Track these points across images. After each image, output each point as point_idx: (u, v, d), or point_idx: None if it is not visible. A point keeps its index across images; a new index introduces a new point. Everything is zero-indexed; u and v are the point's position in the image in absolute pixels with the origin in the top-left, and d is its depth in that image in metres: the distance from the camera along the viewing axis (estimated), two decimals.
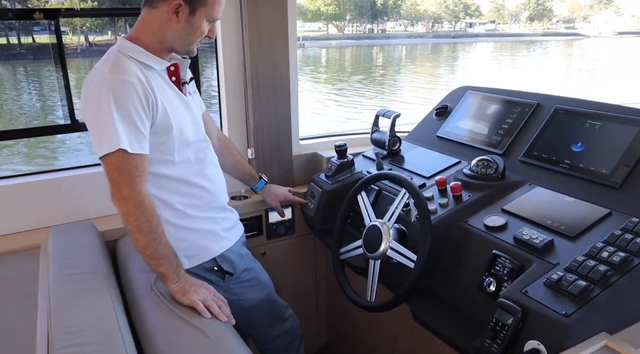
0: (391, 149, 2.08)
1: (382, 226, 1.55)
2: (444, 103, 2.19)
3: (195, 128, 1.55)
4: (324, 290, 2.44)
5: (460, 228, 1.53)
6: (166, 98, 1.43)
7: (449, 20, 68.33)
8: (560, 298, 1.16)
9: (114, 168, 1.32)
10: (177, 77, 1.53)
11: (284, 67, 2.06)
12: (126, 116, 1.31)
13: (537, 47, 49.61)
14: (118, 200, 1.34)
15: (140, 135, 1.34)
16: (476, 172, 1.69)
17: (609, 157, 1.52)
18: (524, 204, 1.53)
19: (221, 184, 1.65)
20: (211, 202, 1.59)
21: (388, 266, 1.59)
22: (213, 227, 1.58)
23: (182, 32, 1.42)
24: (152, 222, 1.35)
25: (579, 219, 1.39)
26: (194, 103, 1.60)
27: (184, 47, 1.47)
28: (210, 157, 1.62)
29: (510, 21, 76.84)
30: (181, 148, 1.48)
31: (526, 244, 1.35)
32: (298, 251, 2.28)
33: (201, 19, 1.41)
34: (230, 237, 1.63)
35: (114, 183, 1.33)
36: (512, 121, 1.86)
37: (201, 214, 1.56)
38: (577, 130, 1.65)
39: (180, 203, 1.52)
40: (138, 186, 1.34)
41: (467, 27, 68.40)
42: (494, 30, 68.62)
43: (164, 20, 1.40)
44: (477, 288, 1.41)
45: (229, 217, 1.67)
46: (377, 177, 1.69)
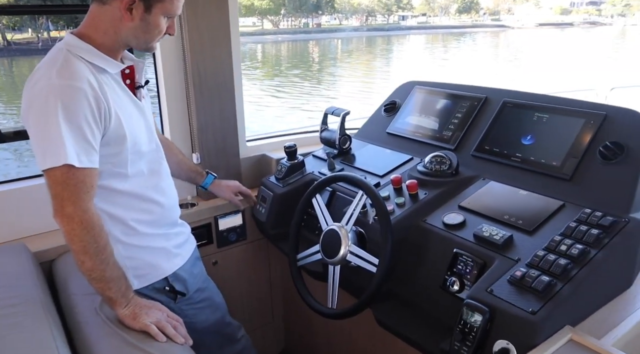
0: (342, 147, 2.04)
1: (340, 229, 1.50)
2: (392, 99, 2.16)
3: (149, 137, 1.42)
4: (278, 295, 2.37)
5: (419, 228, 1.51)
6: (120, 105, 1.29)
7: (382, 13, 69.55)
8: (525, 294, 1.16)
9: (58, 182, 1.17)
10: (132, 80, 1.40)
11: (227, 66, 1.96)
12: (75, 126, 1.17)
13: (467, 39, 51.51)
14: (61, 217, 1.20)
15: (90, 147, 1.20)
16: (430, 169, 1.68)
17: (558, 149, 1.54)
18: (479, 199, 1.53)
19: (175, 197, 1.53)
20: (165, 217, 1.47)
21: (347, 270, 1.54)
22: (165, 244, 1.46)
23: (137, 30, 1.27)
24: (100, 243, 1.22)
25: (534, 213, 1.41)
26: (148, 108, 1.48)
27: (142, 46, 1.32)
28: (165, 169, 1.50)
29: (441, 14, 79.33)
30: (134, 160, 1.35)
31: (486, 241, 1.34)
32: (251, 257, 2.19)
33: (158, 15, 1.26)
34: (182, 254, 1.52)
35: (57, 199, 1.19)
36: (462, 116, 1.86)
37: (154, 231, 1.44)
38: (526, 123, 1.67)
39: (132, 219, 1.39)
40: (85, 203, 1.20)
41: (400, 20, 69.94)
42: (425, 22, 70.58)
43: (116, 18, 1.25)
44: (439, 288, 1.39)
45: (181, 231, 1.55)
46: (331, 180, 1.64)
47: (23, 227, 1.74)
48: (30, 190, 1.76)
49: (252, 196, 2.00)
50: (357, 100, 14.47)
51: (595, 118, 1.52)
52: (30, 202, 1.75)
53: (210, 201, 2.04)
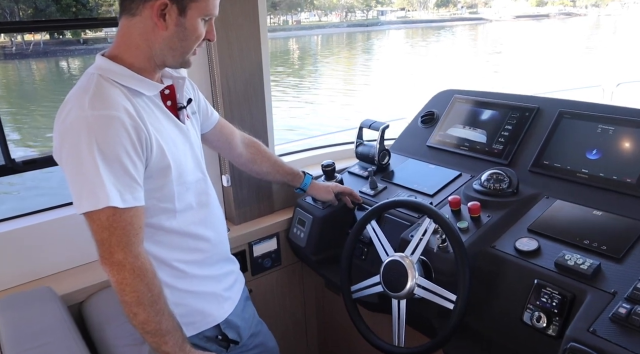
0: (381, 163, 1.92)
1: (404, 260, 1.38)
2: (429, 109, 2.05)
3: (195, 164, 1.27)
4: (313, 322, 2.24)
5: (488, 254, 1.39)
6: (161, 131, 1.15)
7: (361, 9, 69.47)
8: (635, 336, 1.05)
9: (104, 227, 1.03)
10: (173, 101, 1.24)
11: (257, 78, 1.81)
12: (115, 161, 1.03)
13: (446, 32, 51.78)
14: (110, 266, 1.05)
15: (134, 183, 1.06)
16: (488, 188, 1.56)
17: (631, 164, 1.44)
18: (550, 221, 1.42)
19: (224, 230, 1.39)
20: (215, 254, 1.33)
21: (410, 302, 1.42)
22: (216, 287, 1.32)
23: (172, 39, 1.11)
24: (154, 292, 1.08)
25: (618, 237, 1.30)
26: (194, 130, 1.33)
27: (178, 59, 1.16)
28: (213, 198, 1.35)
29: (420, 8, 79.59)
30: (182, 192, 1.21)
31: (572, 271, 1.23)
32: (285, 283, 2.06)
33: (194, 18, 1.11)
34: (233, 297, 1.38)
35: (104, 245, 1.05)
36: (513, 128, 1.75)
37: (203, 272, 1.29)
38: (589, 136, 1.56)
39: (180, 260, 1.25)
40: (136, 247, 1.06)
41: (379, 15, 69.95)
42: (404, 17, 70.72)
43: (149, 30, 1.10)
44: (519, 322, 1.28)
45: (231, 271, 1.41)
46: (392, 205, 1.51)
47: (45, 265, 1.59)
48: (53, 224, 1.60)
49: (355, 193, 1.80)
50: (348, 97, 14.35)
51: None
52: (50, 237, 1.59)
53: (243, 226, 1.90)
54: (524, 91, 1.98)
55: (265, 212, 1.95)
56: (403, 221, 1.61)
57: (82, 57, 26.88)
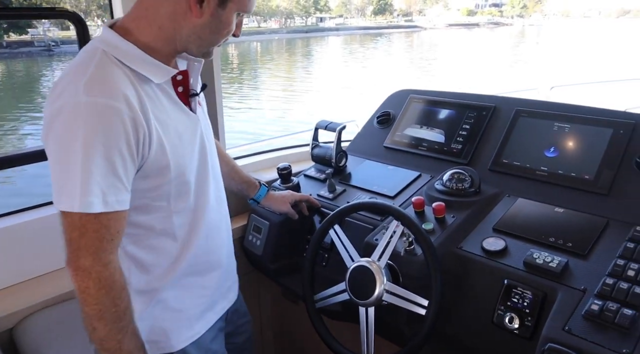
0: (338, 165, 1.85)
1: (371, 265, 1.31)
2: (385, 109, 2.01)
3: (200, 160, 1.15)
4: (269, 334, 2.13)
5: (455, 256, 1.35)
6: (166, 124, 1.03)
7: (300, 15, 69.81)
8: (609, 332, 1.04)
9: (75, 227, 0.92)
10: (185, 88, 1.12)
11: (207, 71, 1.70)
12: (104, 158, 0.91)
13: (383, 39, 53.03)
14: (75, 270, 0.93)
15: (120, 184, 0.95)
16: (450, 188, 1.53)
17: (589, 161, 1.46)
18: (514, 220, 1.41)
19: (226, 236, 1.32)
20: (205, 262, 1.22)
21: (378, 309, 1.36)
22: (192, 302, 1.21)
23: (204, 29, 1.01)
24: (120, 307, 0.96)
25: (581, 233, 1.30)
26: (205, 119, 1.21)
27: (203, 49, 1.07)
28: (215, 199, 1.23)
29: (357, 15, 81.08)
30: (181, 193, 1.09)
31: (541, 270, 1.22)
32: (240, 291, 1.94)
33: (232, 11, 1.03)
34: (208, 319, 1.25)
35: (73, 246, 0.93)
36: (471, 127, 1.74)
37: (188, 281, 1.18)
38: (546, 134, 1.57)
39: (166, 268, 1.13)
40: (107, 254, 0.95)
41: (318, 21, 70.60)
42: (343, 24, 71.76)
43: (180, 12, 0.99)
44: (491, 324, 1.25)
45: (219, 285, 1.31)
46: (356, 208, 1.44)
47: None
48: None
49: (313, 200, 1.71)
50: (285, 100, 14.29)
51: (624, 128, 1.45)
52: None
53: None
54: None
55: None
56: (366, 224, 1.55)
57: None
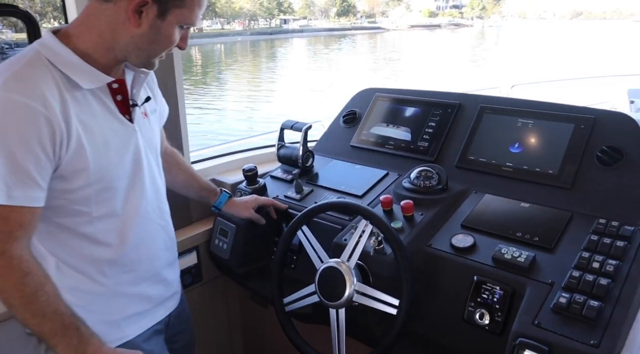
0: (305, 165, 1.82)
1: (340, 266, 1.29)
2: (351, 108, 1.99)
3: (134, 168, 1.13)
4: (239, 339, 2.09)
5: (425, 254, 1.35)
6: (92, 129, 1.02)
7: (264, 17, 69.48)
8: (577, 324, 1.05)
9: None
10: (124, 97, 1.11)
11: (169, 75, 1.64)
12: (12, 153, 0.92)
13: (347, 40, 53.34)
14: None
15: (30, 181, 0.95)
16: (418, 186, 1.53)
17: (552, 156, 1.48)
18: (481, 216, 1.41)
19: (162, 247, 1.28)
20: (136, 272, 1.18)
21: (349, 310, 1.34)
22: (118, 312, 1.17)
23: (142, 39, 1.01)
24: (26, 292, 0.95)
25: (546, 227, 1.31)
26: (148, 130, 1.19)
27: (143, 59, 1.06)
28: (152, 209, 1.21)
29: (321, 17, 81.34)
30: (105, 198, 1.08)
31: (510, 265, 1.22)
32: (208, 299, 1.89)
33: (172, 24, 1.02)
34: (132, 328, 1.20)
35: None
36: (436, 124, 1.74)
37: (116, 289, 1.15)
38: (510, 130, 1.59)
39: (92, 270, 1.11)
40: (4, 245, 0.94)
41: (282, 23, 70.44)
42: (306, 26, 71.85)
43: (119, 21, 0.99)
44: (462, 321, 1.24)
45: (153, 297, 1.24)
46: (323, 208, 1.41)
47: None
48: None
49: (278, 203, 1.66)
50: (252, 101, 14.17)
51: (585, 122, 1.48)
52: None
53: None
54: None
55: (182, 224, 1.78)
56: (334, 225, 1.53)
57: None
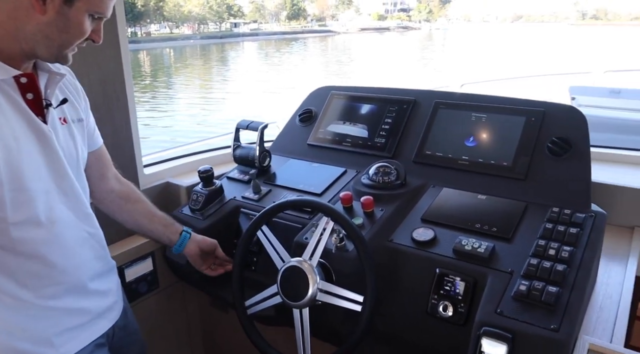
0: (262, 165, 1.79)
1: (302, 265, 1.27)
2: (307, 107, 1.98)
3: (51, 171, 1.05)
4: (199, 346, 2.02)
5: (386, 249, 1.34)
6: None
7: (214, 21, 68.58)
8: (537, 310, 1.07)
9: None
10: (35, 95, 1.02)
11: (117, 78, 1.57)
12: None
13: (299, 44, 53.45)
14: None
15: None
16: (377, 182, 1.53)
17: (505, 149, 1.51)
18: (440, 209, 1.42)
19: (87, 258, 1.16)
20: (61, 285, 1.09)
21: (313, 310, 1.31)
22: (49, 328, 1.08)
23: (50, 27, 0.95)
24: None
25: (504, 218, 1.34)
26: (67, 137, 1.11)
27: (53, 51, 0.99)
28: (75, 216, 1.12)
29: (272, 20, 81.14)
30: (20, 201, 0.99)
31: (470, 256, 1.23)
32: (166, 307, 1.82)
33: (81, 11, 0.96)
34: (68, 347, 1.10)
35: None
36: (393, 121, 1.75)
37: (40, 303, 1.06)
38: (465, 124, 1.61)
39: (11, 285, 1.02)
40: None
41: (233, 27, 69.75)
42: (257, 29, 71.47)
43: (21, 7, 0.92)
44: (425, 314, 1.25)
45: (85, 309, 1.15)
46: (283, 207, 1.38)
47: None
48: None
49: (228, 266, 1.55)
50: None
51: (535, 115, 1.52)
52: None
53: (110, 248, 1.62)
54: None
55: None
56: (294, 224, 1.51)
57: None
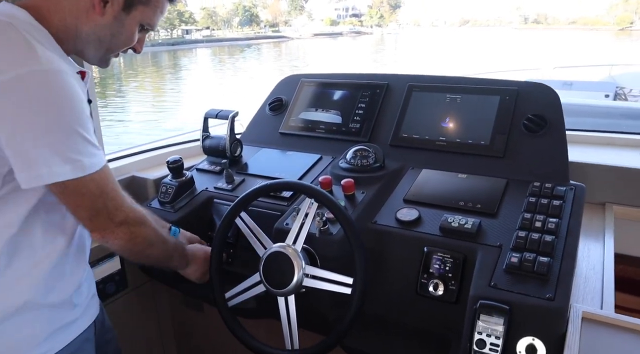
0: (233, 155, 1.72)
1: (286, 250, 1.21)
2: (277, 96, 1.92)
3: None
4: (171, 342, 1.92)
5: (371, 231, 1.31)
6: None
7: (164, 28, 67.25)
8: (530, 281, 1.06)
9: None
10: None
11: None
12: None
13: (252, 49, 53.16)
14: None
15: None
16: (355, 165, 1.49)
17: (482, 128, 1.51)
18: (422, 190, 1.40)
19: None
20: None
21: (298, 298, 1.26)
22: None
23: (104, 30, 1.00)
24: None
25: (486, 195, 1.33)
26: None
27: (100, 53, 1.05)
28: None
29: (224, 27, 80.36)
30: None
31: (458, 232, 1.21)
32: (136, 308, 1.72)
33: (136, 20, 1.02)
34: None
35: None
36: (366, 105, 1.72)
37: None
38: (440, 106, 1.60)
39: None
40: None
41: (185, 34, 68.59)
42: (210, 36, 70.58)
43: (83, 7, 0.96)
44: (416, 294, 1.22)
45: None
46: (263, 190, 1.32)
47: None
48: None
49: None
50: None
51: (509, 94, 1.52)
52: None
53: None
54: None
55: None
56: (271, 211, 1.45)
57: None
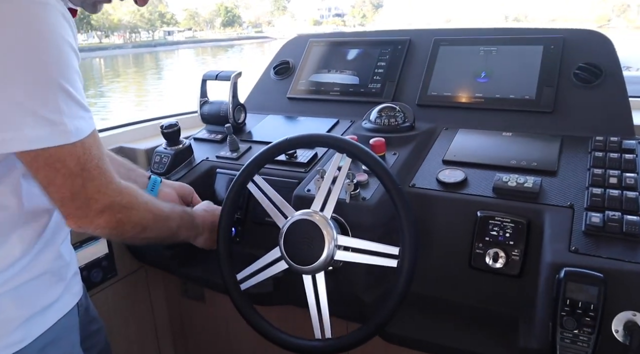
0: (236, 121, 1.51)
1: (313, 217, 0.99)
2: (283, 58, 1.71)
3: None
4: (168, 343, 1.69)
5: (409, 196, 1.10)
6: None
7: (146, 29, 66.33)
8: (618, 244, 0.87)
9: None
10: None
11: None
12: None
13: (235, 50, 52.79)
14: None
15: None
16: (382, 124, 1.29)
17: (525, 81, 1.31)
18: (462, 150, 1.20)
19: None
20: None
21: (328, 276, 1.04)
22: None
23: None
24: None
25: (541, 153, 1.14)
26: None
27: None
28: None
29: (207, 28, 79.66)
30: None
31: (517, 193, 1.02)
32: (126, 298, 1.49)
33: None
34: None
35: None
36: (387, 64, 1.52)
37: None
38: (473, 60, 1.41)
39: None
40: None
41: (166, 35, 67.83)
42: (192, 37, 69.89)
43: None
44: (469, 268, 1.01)
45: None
46: (284, 147, 1.09)
47: None
48: None
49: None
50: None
51: (554, 43, 1.33)
52: None
53: None
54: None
55: None
56: (287, 179, 1.23)
57: None
